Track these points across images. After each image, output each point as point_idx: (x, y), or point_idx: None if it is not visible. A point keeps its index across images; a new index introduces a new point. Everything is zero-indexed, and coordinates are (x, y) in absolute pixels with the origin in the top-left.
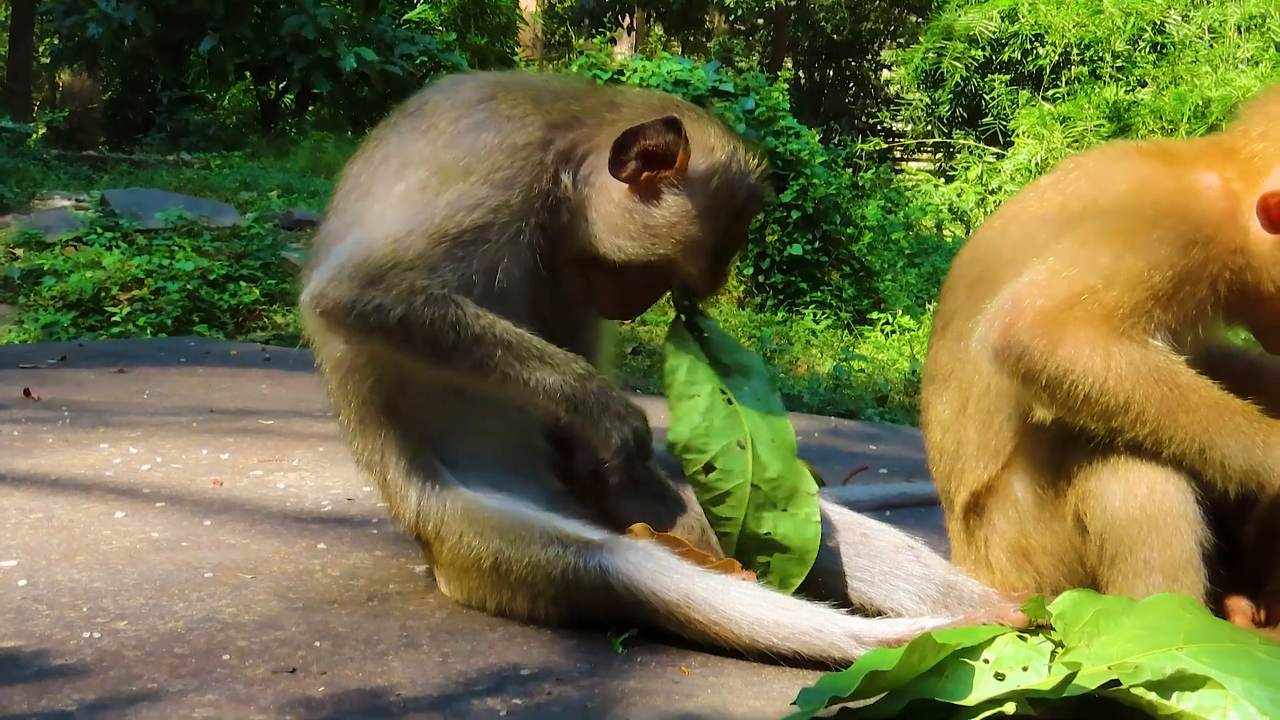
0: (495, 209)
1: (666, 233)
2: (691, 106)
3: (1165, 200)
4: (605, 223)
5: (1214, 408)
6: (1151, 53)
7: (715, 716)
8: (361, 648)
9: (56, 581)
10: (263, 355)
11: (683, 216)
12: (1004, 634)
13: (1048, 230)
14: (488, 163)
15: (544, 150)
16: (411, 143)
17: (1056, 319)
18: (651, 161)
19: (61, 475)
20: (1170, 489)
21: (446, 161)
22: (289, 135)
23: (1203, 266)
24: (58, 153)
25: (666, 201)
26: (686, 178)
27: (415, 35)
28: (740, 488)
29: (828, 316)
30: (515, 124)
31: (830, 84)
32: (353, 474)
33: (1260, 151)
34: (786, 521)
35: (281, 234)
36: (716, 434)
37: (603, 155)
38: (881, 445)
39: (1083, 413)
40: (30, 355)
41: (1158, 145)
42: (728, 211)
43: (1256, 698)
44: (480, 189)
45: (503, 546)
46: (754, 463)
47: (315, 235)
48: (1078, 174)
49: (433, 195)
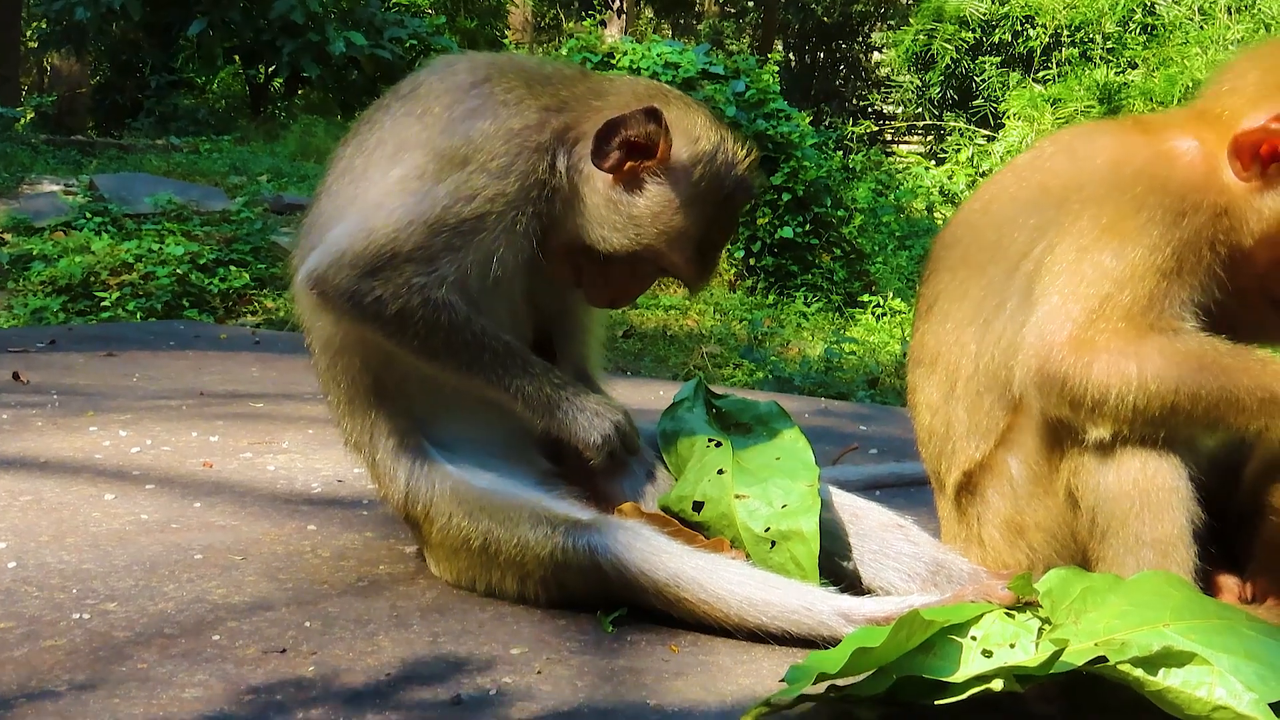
0: (492, 198)
1: (650, 223)
2: (680, 96)
3: (1145, 175)
4: (592, 213)
5: (1268, 380)
6: (1142, 34)
7: (704, 694)
8: (352, 628)
9: (46, 563)
10: (252, 339)
11: (666, 206)
12: (992, 611)
13: (1028, 212)
14: (485, 151)
15: (539, 135)
16: (406, 127)
17: (1084, 340)
18: (634, 151)
19: (51, 458)
20: (1163, 465)
21: (444, 149)
22: (278, 119)
23: (1197, 234)
24: (46, 137)
25: (649, 191)
26: (669, 167)
27: (405, 19)
28: (728, 507)
29: (819, 299)
30: (510, 110)
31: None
32: (342, 456)
33: (1230, 105)
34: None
35: (271, 218)
36: (698, 478)
37: (589, 144)
38: (872, 426)
39: (1138, 422)
40: (19, 339)
41: (1133, 118)
42: (713, 202)
43: (1243, 673)
44: (478, 178)
45: (491, 527)
46: (738, 480)
47: (306, 217)
48: (1055, 152)
49: (431, 183)
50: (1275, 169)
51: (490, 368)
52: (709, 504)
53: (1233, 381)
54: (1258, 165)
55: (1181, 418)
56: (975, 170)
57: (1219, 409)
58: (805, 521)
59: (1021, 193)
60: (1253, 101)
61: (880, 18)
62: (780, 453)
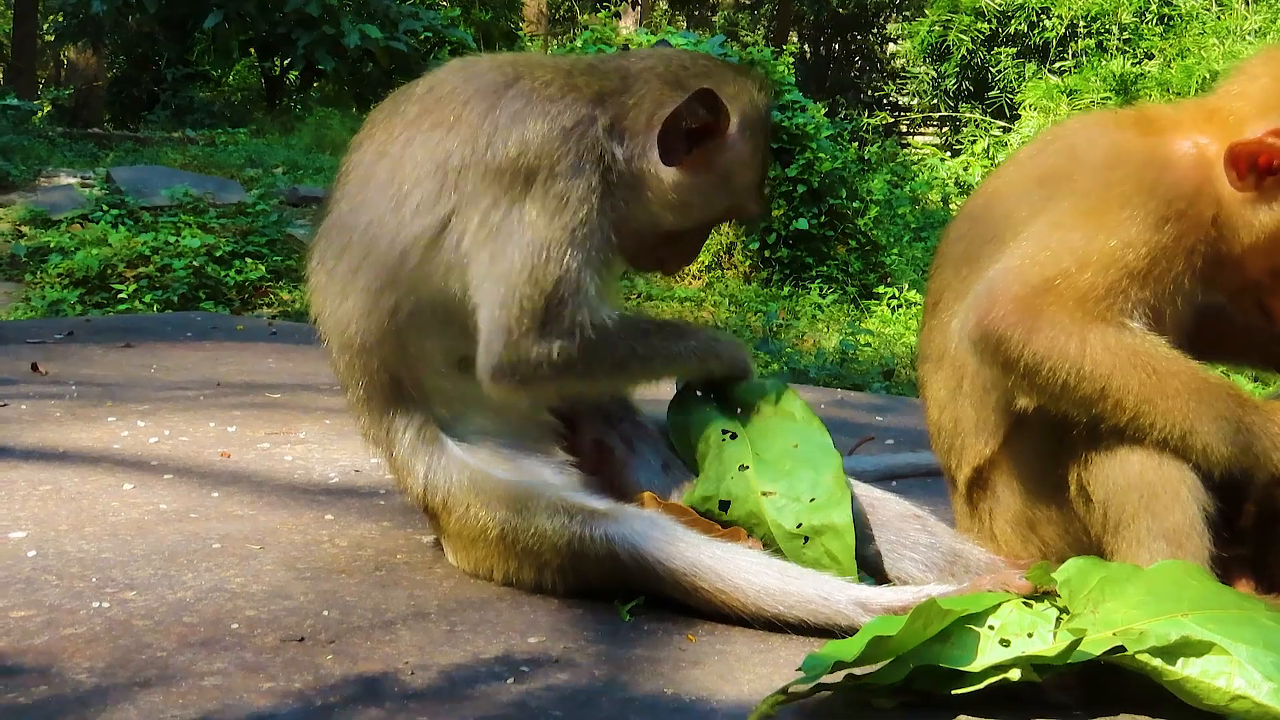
0: (583, 198)
1: (725, 190)
2: (695, 59)
3: (1136, 175)
4: (662, 201)
5: (1194, 393)
6: (1158, 25)
7: (721, 683)
8: (369, 617)
9: (65, 552)
10: (269, 330)
11: (736, 169)
12: (1009, 601)
13: (1026, 205)
14: (547, 155)
15: (594, 127)
16: (438, 141)
17: (1031, 305)
18: (696, 137)
19: (69, 448)
20: (1171, 456)
21: (499, 164)
22: (294, 112)
23: (1177, 242)
24: (63, 130)
25: (719, 164)
26: (729, 136)
27: (419, 11)
28: (754, 505)
29: (834, 291)
30: (558, 105)
31: (836, 58)
32: (360, 446)
33: (1236, 109)
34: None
35: (287, 210)
36: (721, 475)
37: (641, 138)
38: (888, 416)
39: (1063, 400)
40: (37, 330)
41: (1138, 112)
42: (764, 143)
43: (1261, 663)
44: (556, 185)
45: (509, 517)
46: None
47: (324, 219)
48: (1054, 146)
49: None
50: (1271, 182)
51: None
52: (735, 503)
53: (1163, 386)
54: (1254, 176)
55: (1107, 406)
56: (991, 162)
57: (1143, 409)
58: (838, 514)
59: (1020, 185)
60: (1257, 110)
61: (895, 9)
62: (797, 438)
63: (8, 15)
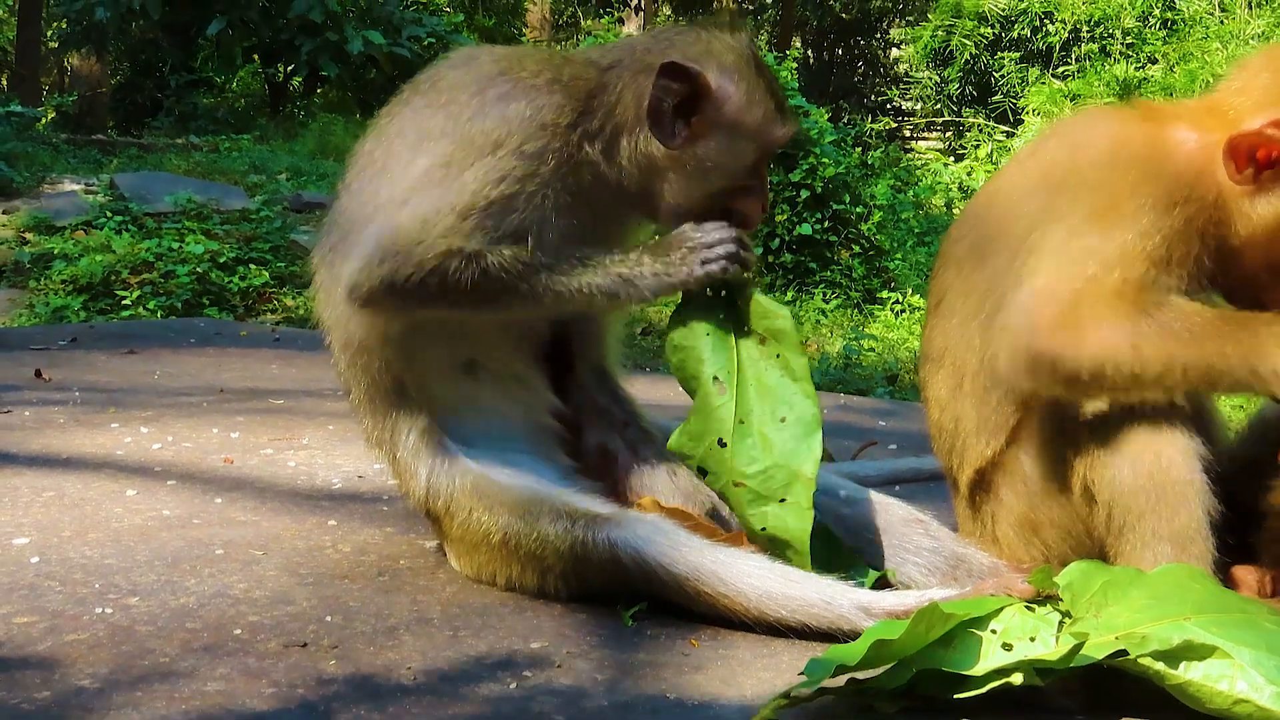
0: (522, 179)
1: (744, 133)
2: (655, 38)
3: (1139, 161)
4: (691, 174)
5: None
6: (1162, 29)
7: (724, 688)
8: (372, 622)
9: (68, 558)
10: (272, 336)
11: (743, 112)
12: (1012, 605)
13: (1029, 202)
14: (519, 134)
15: (572, 117)
16: (429, 118)
17: (1070, 319)
18: (684, 108)
19: (73, 454)
20: (1178, 457)
21: (473, 134)
22: (297, 118)
23: (1188, 224)
24: (67, 137)
25: (723, 119)
26: (716, 95)
27: (423, 17)
28: (725, 488)
29: (838, 296)
30: (542, 93)
31: (839, 63)
32: (363, 452)
33: (1236, 104)
34: (778, 515)
35: (291, 217)
36: (702, 435)
37: (637, 132)
38: (891, 421)
39: (1134, 390)
40: (41, 337)
41: (1142, 104)
42: (759, 73)
43: (1264, 667)
44: (508, 160)
45: (511, 521)
46: (738, 457)
47: (328, 215)
48: (1054, 141)
49: (458, 172)
50: (1269, 175)
51: (554, 282)
52: (711, 477)
53: (1221, 334)
54: (1252, 169)
55: (1176, 376)
56: (994, 166)
57: (1213, 361)
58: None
59: (1023, 182)
60: (1257, 104)
61: (899, 14)
62: (786, 409)
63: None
